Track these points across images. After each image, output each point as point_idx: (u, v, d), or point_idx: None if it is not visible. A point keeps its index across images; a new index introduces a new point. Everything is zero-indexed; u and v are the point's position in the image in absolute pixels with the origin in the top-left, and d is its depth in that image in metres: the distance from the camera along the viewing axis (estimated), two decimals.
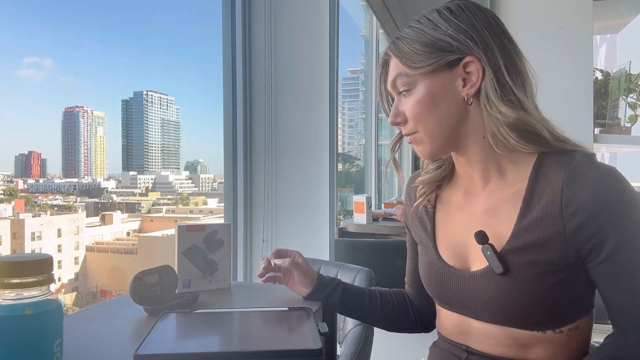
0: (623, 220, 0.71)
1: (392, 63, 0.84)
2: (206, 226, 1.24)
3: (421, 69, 0.79)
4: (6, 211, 9.76)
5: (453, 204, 0.89)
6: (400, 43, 0.81)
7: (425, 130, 0.81)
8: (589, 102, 1.84)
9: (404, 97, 0.83)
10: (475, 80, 0.77)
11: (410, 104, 0.81)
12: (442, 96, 0.79)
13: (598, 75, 2.01)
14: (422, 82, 0.79)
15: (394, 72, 0.83)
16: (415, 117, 0.81)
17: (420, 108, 0.80)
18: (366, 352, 1.32)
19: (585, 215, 0.71)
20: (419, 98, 0.80)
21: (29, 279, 0.54)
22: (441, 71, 0.78)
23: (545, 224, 0.74)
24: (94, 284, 12.80)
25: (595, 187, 0.71)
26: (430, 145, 0.82)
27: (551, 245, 0.73)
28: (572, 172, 0.73)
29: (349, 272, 1.53)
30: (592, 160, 0.75)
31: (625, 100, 1.88)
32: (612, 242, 0.71)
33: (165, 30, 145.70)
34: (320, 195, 2.18)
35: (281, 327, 0.67)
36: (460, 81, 0.78)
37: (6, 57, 64.40)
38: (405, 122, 0.83)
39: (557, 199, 0.73)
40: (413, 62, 0.79)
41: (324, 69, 2.17)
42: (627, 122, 1.89)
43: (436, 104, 0.79)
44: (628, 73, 1.85)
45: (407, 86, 0.81)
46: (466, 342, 0.84)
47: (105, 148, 23.16)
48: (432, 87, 0.79)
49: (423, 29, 0.79)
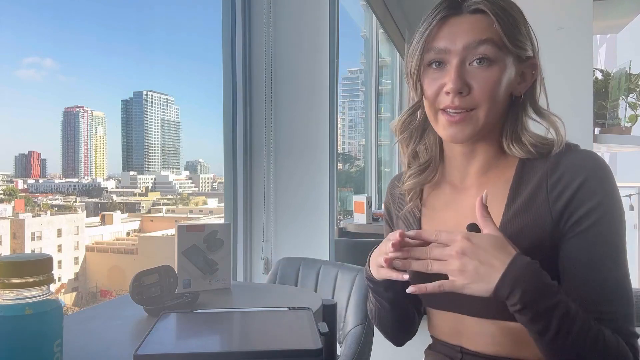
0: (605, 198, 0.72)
1: (485, 21, 0.75)
2: (206, 226, 1.24)
3: (515, 48, 0.76)
4: (6, 211, 9.77)
5: (439, 203, 0.89)
6: (497, 10, 0.74)
7: (487, 110, 0.75)
8: (589, 102, 1.83)
9: (476, 66, 0.75)
10: (528, 83, 0.80)
11: (490, 79, 0.74)
12: (510, 84, 0.78)
13: (598, 75, 2.01)
14: (508, 62, 0.76)
15: (482, 34, 0.74)
16: (487, 94, 0.75)
17: (496, 87, 0.75)
18: (366, 352, 1.32)
19: (570, 193, 0.73)
20: (499, 76, 0.75)
21: (29, 279, 0.53)
22: (516, 60, 0.78)
23: (533, 209, 0.75)
24: (94, 284, 12.81)
25: (579, 166, 0.74)
26: (479, 127, 0.77)
27: (540, 230, 0.74)
28: (557, 157, 0.76)
29: (349, 272, 1.53)
30: (574, 146, 0.78)
31: (625, 100, 1.88)
32: (590, 219, 0.72)
33: (166, 30, 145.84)
34: (320, 195, 2.18)
35: (281, 327, 0.66)
36: (519, 78, 0.79)
37: (6, 57, 64.47)
38: (469, 93, 0.75)
39: (542, 183, 0.75)
40: (512, 36, 0.75)
41: (324, 69, 2.17)
42: (627, 122, 1.89)
43: (506, 89, 0.77)
44: (628, 73, 1.85)
45: (495, 57, 0.74)
46: (460, 343, 0.84)
47: (105, 148, 23.18)
48: (509, 71, 0.76)
49: (515, 9, 0.78)
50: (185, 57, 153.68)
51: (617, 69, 1.93)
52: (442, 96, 0.77)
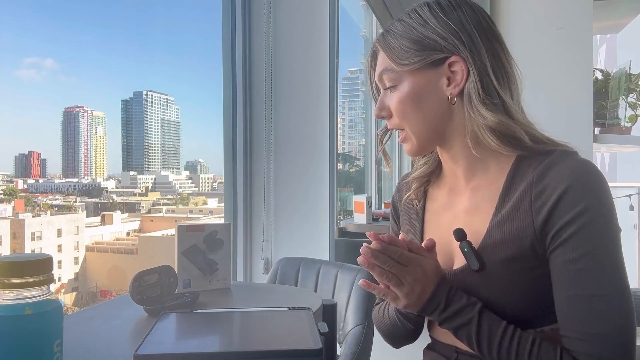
0: (588, 207, 0.68)
1: (380, 56, 0.84)
2: (206, 226, 1.24)
3: (407, 66, 0.78)
4: (6, 211, 9.76)
5: (439, 204, 0.90)
6: (389, 37, 0.81)
7: (410, 127, 0.81)
8: (589, 102, 1.84)
9: (390, 92, 0.82)
10: (460, 80, 0.77)
11: (395, 100, 0.81)
12: (426, 94, 0.79)
13: (598, 75, 2.01)
14: (407, 78, 0.79)
15: (381, 66, 0.83)
16: (399, 114, 0.81)
17: (404, 105, 0.80)
18: (366, 352, 1.32)
19: (552, 203, 0.70)
20: (404, 95, 0.80)
21: (29, 279, 0.53)
22: (427, 69, 0.78)
23: (516, 218, 0.74)
24: (94, 284, 12.80)
25: (565, 175, 0.70)
26: (416, 142, 0.82)
27: (522, 240, 0.73)
28: (544, 166, 0.73)
29: (349, 272, 1.53)
30: (568, 154, 0.74)
31: (625, 100, 1.88)
32: (571, 229, 0.69)
33: (166, 30, 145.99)
34: (320, 195, 2.18)
35: (281, 327, 0.66)
36: (445, 80, 0.78)
37: (6, 57, 64.54)
38: (390, 117, 0.83)
39: (527, 193, 0.73)
40: (400, 58, 0.79)
41: (324, 69, 2.18)
42: (627, 122, 1.89)
43: (420, 101, 0.79)
44: (628, 73, 1.85)
45: (393, 82, 0.81)
46: (455, 343, 0.84)
47: (105, 148, 23.17)
48: (417, 85, 0.79)
49: (412, 25, 0.79)
50: (185, 57, 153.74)
51: (617, 69, 1.93)
52: None
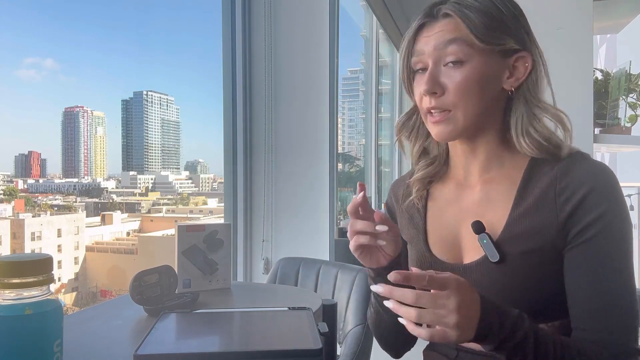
0: (609, 210, 0.72)
1: (451, 23, 0.77)
2: (206, 226, 1.24)
3: (488, 45, 0.75)
4: (6, 211, 9.76)
5: (444, 199, 0.89)
6: (466, 10, 0.76)
7: (465, 109, 0.77)
8: (589, 102, 1.84)
9: (450, 67, 0.77)
10: (521, 76, 0.78)
11: (462, 78, 0.76)
12: (492, 79, 0.77)
13: (598, 75, 2.01)
14: (479, 58, 0.76)
15: (451, 34, 0.76)
16: (460, 93, 0.76)
17: (471, 84, 0.76)
18: (366, 352, 1.32)
19: (577, 201, 0.73)
20: (474, 73, 0.76)
21: (29, 279, 0.53)
22: (499, 55, 0.77)
23: (539, 212, 0.75)
24: (94, 284, 12.79)
25: (588, 176, 0.73)
26: (461, 125, 0.78)
27: (544, 233, 0.74)
28: (567, 164, 0.75)
29: (349, 272, 1.53)
30: (586, 156, 0.77)
31: (625, 100, 1.88)
32: (593, 230, 0.72)
33: (166, 30, 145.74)
34: (320, 195, 2.18)
35: (281, 327, 0.67)
36: (507, 71, 0.79)
37: (6, 57, 64.47)
38: (442, 94, 0.77)
39: (551, 188, 0.75)
40: (482, 34, 0.75)
41: (324, 69, 2.17)
42: (627, 122, 1.89)
43: (485, 86, 0.77)
44: (628, 73, 1.85)
45: (464, 56, 0.76)
46: None
47: (105, 148, 23.17)
48: (487, 68, 0.76)
49: (491, 7, 0.77)
50: (185, 57, 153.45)
51: (617, 69, 1.93)
52: (424, 98, 0.80)
